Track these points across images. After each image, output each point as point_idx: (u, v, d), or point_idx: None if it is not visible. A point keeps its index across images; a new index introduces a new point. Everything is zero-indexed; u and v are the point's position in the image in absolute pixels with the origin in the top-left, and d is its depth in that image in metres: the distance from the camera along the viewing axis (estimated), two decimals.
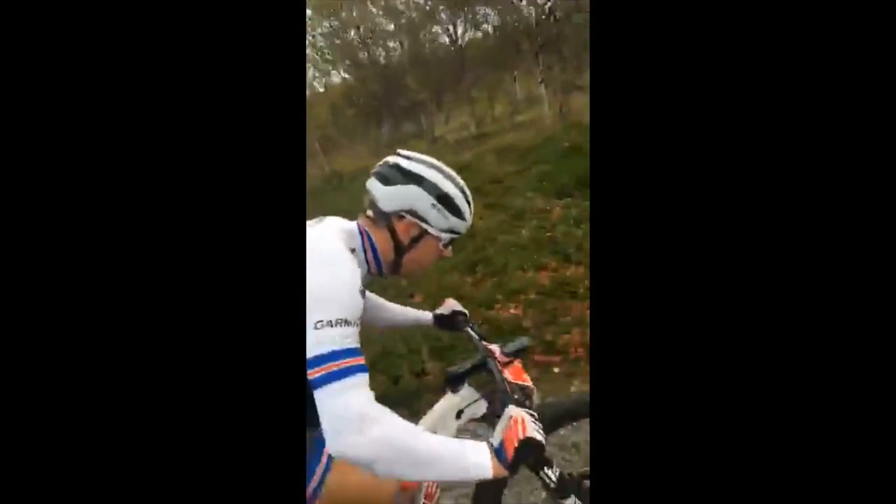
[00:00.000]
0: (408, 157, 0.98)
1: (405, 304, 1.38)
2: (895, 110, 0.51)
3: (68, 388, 0.54)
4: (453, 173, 0.98)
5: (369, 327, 1.17)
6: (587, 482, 1.15)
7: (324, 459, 0.98)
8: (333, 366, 0.75)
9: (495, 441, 0.81)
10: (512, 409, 0.86)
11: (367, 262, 0.99)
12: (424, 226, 0.96)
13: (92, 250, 0.55)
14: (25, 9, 0.54)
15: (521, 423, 0.82)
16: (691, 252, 0.56)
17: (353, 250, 0.92)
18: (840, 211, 0.52)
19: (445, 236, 0.98)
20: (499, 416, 0.96)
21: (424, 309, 1.39)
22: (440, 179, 0.95)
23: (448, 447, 0.78)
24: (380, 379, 2.59)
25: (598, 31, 0.60)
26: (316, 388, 0.75)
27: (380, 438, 0.74)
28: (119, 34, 0.56)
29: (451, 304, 1.33)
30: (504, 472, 0.79)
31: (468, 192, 0.99)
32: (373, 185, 0.97)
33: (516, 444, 0.79)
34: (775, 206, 0.54)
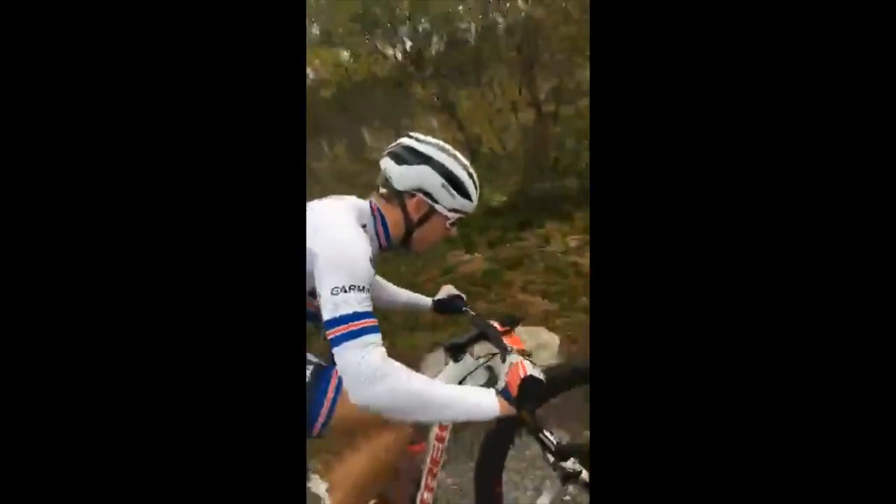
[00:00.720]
0: (419, 140, 1.07)
1: None
2: (894, 110, 0.52)
3: (75, 367, 0.55)
4: (461, 156, 1.08)
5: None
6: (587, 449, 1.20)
7: (331, 390, 1.03)
8: (352, 326, 0.84)
9: (499, 385, 0.90)
10: (513, 357, 0.96)
11: (377, 237, 1.08)
12: (433, 204, 1.04)
13: (89, 234, 0.56)
14: (24, 6, 0.55)
15: (522, 365, 0.91)
16: (691, 252, 0.57)
17: (364, 226, 1.02)
18: (838, 212, 0.53)
19: (452, 215, 1.07)
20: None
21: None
22: (449, 161, 1.04)
23: (458, 392, 0.89)
24: None
25: (598, 30, 0.62)
26: (336, 345, 0.84)
27: (397, 388, 0.83)
28: (116, 25, 0.57)
29: (448, 290, 1.41)
30: (510, 410, 0.87)
31: (475, 174, 1.08)
32: (387, 163, 1.06)
33: (519, 382, 0.87)
34: (776, 206, 0.55)
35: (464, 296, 1.40)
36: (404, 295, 1.42)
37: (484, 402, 0.87)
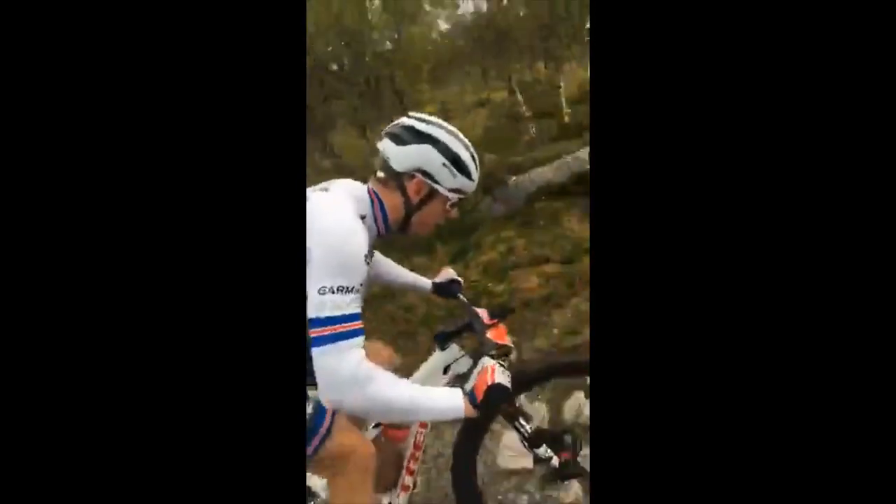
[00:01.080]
0: (420, 119, 1.03)
1: None
2: (894, 110, 0.52)
3: (80, 364, 0.56)
4: (462, 136, 1.04)
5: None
6: (569, 437, 1.23)
7: (326, 422, 1.05)
8: (331, 329, 0.84)
9: (468, 387, 0.92)
10: (485, 360, 0.97)
11: (375, 225, 1.05)
12: (434, 185, 1.01)
13: (85, 231, 0.56)
14: (24, 6, 0.55)
15: (491, 371, 0.92)
16: (691, 252, 0.57)
17: (363, 217, 0.98)
18: (836, 210, 0.53)
19: (453, 196, 1.04)
20: None
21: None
22: (451, 140, 1.01)
23: (428, 395, 0.90)
24: None
25: (598, 29, 0.62)
26: (316, 345, 0.84)
27: (371, 395, 0.85)
28: (115, 23, 0.58)
29: (448, 273, 1.41)
30: (474, 413, 0.89)
31: (475, 153, 1.05)
32: (385, 145, 1.02)
33: (485, 389, 0.89)
34: (777, 206, 0.55)
35: (461, 280, 1.40)
36: (405, 275, 1.41)
37: (451, 405, 0.90)
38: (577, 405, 1.91)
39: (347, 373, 0.83)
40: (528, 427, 1.17)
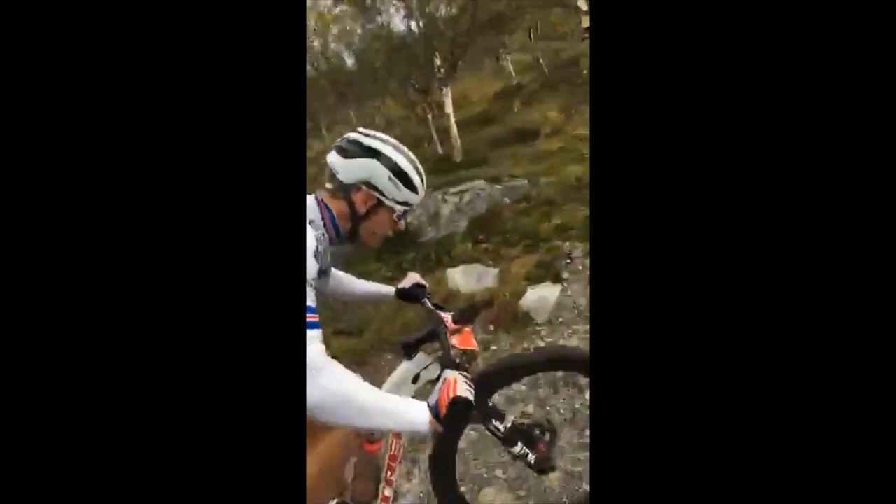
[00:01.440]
0: (366, 134, 1.07)
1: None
2: (894, 110, 0.52)
3: (79, 368, 0.56)
4: (407, 150, 1.07)
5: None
6: (539, 429, 1.25)
7: None
8: None
9: (431, 400, 0.90)
10: (447, 372, 0.95)
11: (325, 230, 1.06)
12: (380, 197, 1.04)
13: (84, 230, 0.57)
14: (24, 5, 0.56)
15: (454, 383, 0.91)
16: (692, 252, 0.57)
17: (311, 221, 1.01)
18: (835, 211, 0.53)
19: (399, 208, 1.07)
20: None
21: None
22: (396, 154, 1.05)
23: (389, 401, 0.87)
24: None
25: (598, 30, 0.62)
26: None
27: (326, 386, 0.81)
28: (115, 23, 0.58)
29: (412, 278, 1.39)
30: (438, 428, 0.87)
31: (420, 167, 1.08)
32: (333, 157, 1.05)
33: (447, 403, 0.88)
34: (776, 200, 0.55)
35: (426, 284, 1.38)
36: (364, 285, 1.39)
37: (415, 418, 0.86)
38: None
39: (308, 363, 0.81)
40: (501, 427, 1.17)
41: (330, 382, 0.82)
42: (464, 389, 0.90)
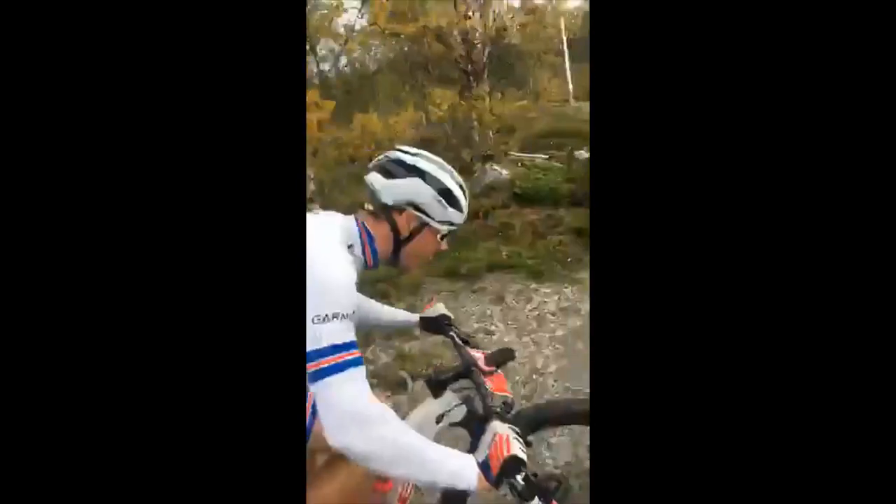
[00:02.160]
0: (408, 152, 1.01)
1: None
2: (894, 110, 0.52)
3: (77, 379, 0.55)
4: (449, 167, 1.03)
5: None
6: (554, 483, 1.16)
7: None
8: (332, 360, 0.78)
9: (479, 456, 0.83)
10: (496, 426, 0.88)
11: (364, 256, 1.01)
12: (425, 218, 0.99)
13: (82, 238, 0.56)
14: (23, 5, 0.55)
15: (507, 441, 0.84)
16: (692, 253, 0.57)
17: (350, 246, 0.95)
18: (834, 214, 0.53)
19: (444, 228, 1.02)
20: (477, 421, 0.97)
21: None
22: (441, 173, 0.99)
23: (442, 454, 0.81)
24: None
25: (598, 31, 0.62)
26: (315, 380, 0.77)
27: (381, 437, 0.77)
28: (114, 25, 0.57)
29: (437, 308, 1.33)
30: (488, 487, 0.80)
31: (465, 185, 1.04)
32: (374, 178, 1.00)
33: (501, 462, 0.81)
34: (778, 206, 0.55)
35: (451, 315, 1.33)
36: (389, 312, 1.35)
37: (464, 473, 0.80)
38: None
39: (356, 410, 0.77)
40: (520, 481, 1.09)
41: (381, 434, 0.78)
42: (517, 448, 0.83)
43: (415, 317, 1.34)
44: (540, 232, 4.17)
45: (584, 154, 5.33)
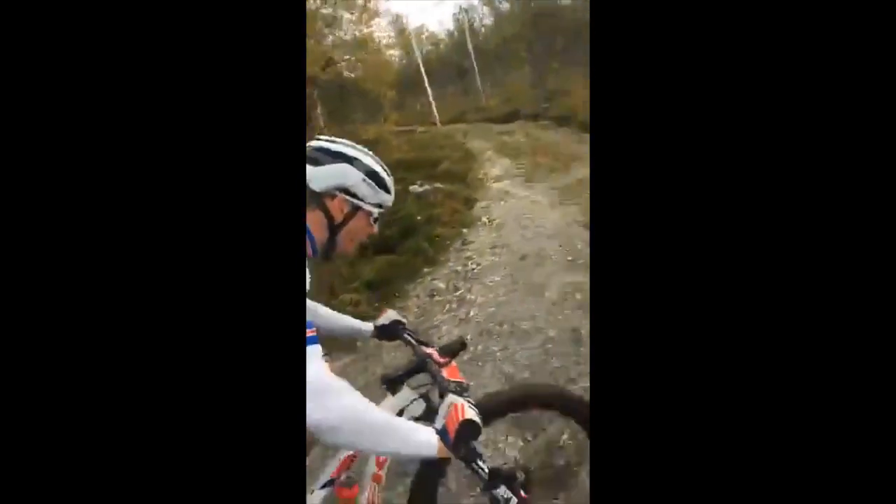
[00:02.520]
0: (331, 140, 1.05)
1: None
2: (894, 110, 0.52)
3: (76, 377, 0.55)
4: (372, 153, 1.07)
5: None
6: (522, 474, 1.19)
7: None
8: None
9: (438, 425, 0.88)
10: (451, 397, 0.94)
11: None
12: (356, 202, 1.02)
13: (81, 229, 0.55)
14: (23, 5, 0.54)
15: (462, 408, 0.90)
16: (693, 254, 0.57)
17: None
18: (834, 214, 0.53)
19: (376, 210, 1.06)
20: (437, 412, 0.99)
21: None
22: (366, 157, 1.04)
23: (402, 424, 0.86)
24: None
25: (598, 29, 0.62)
26: None
27: (345, 408, 0.78)
28: (114, 26, 0.57)
29: (390, 315, 1.36)
30: (447, 453, 0.86)
31: (387, 168, 1.09)
32: None
33: (457, 426, 0.86)
34: (778, 205, 0.55)
35: (405, 321, 1.36)
36: (343, 320, 1.32)
37: (424, 440, 0.85)
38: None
39: (319, 382, 0.76)
40: (486, 468, 1.11)
41: (348, 405, 0.78)
42: (471, 413, 0.89)
43: (369, 325, 1.35)
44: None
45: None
